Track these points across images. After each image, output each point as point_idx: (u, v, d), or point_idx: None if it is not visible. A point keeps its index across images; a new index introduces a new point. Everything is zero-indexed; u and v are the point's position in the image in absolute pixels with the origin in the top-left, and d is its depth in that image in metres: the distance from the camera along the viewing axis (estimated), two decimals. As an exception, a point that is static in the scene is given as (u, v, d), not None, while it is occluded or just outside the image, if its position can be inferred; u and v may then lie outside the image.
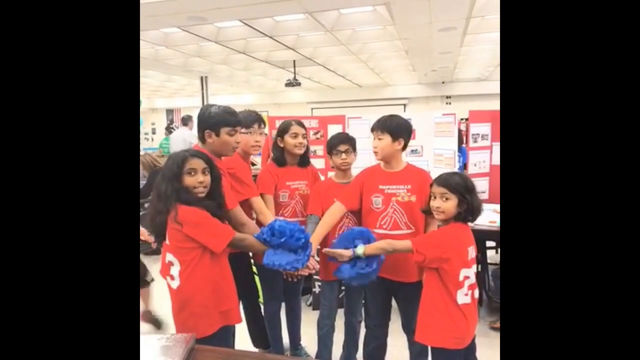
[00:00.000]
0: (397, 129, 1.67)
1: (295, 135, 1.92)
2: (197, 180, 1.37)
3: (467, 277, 1.39)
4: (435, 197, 1.44)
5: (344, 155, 1.85)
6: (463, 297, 1.39)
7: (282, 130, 1.96)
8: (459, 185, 1.40)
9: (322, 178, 2.22)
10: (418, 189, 1.66)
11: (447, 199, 1.41)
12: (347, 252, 1.52)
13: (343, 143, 1.85)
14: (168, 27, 5.21)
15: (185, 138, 5.77)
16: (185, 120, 6.23)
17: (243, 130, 1.79)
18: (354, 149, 1.88)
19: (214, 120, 1.61)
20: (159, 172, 1.43)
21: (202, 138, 1.65)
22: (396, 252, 1.53)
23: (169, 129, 9.16)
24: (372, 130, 1.73)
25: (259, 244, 1.44)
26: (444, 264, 1.38)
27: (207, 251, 1.35)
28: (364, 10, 4.86)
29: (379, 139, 1.69)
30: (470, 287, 1.41)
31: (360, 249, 1.49)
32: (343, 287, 2.01)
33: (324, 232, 1.71)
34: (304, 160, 2.02)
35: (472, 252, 1.44)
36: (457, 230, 1.42)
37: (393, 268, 1.66)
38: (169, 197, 1.33)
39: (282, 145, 1.96)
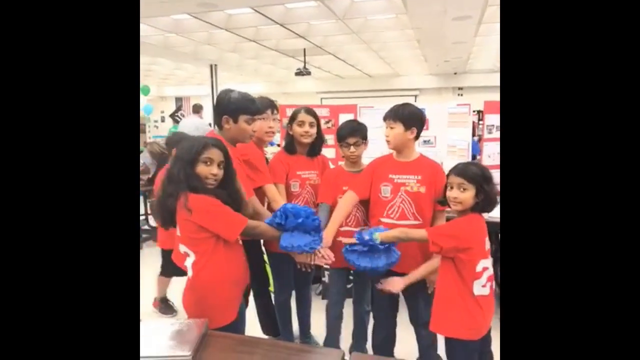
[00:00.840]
0: (409, 118, 1.64)
1: (302, 124, 1.89)
2: (211, 171, 1.33)
3: (485, 268, 1.37)
4: (452, 187, 1.41)
5: (352, 149, 1.80)
6: (480, 288, 1.36)
7: (291, 118, 1.93)
8: (476, 175, 1.36)
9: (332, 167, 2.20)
10: (428, 181, 1.63)
11: (464, 189, 1.37)
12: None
13: (352, 135, 1.79)
14: (178, 14, 5.16)
15: (198, 126, 5.71)
16: (197, 108, 6.24)
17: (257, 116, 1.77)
18: (364, 139, 1.83)
19: (233, 107, 1.57)
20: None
21: (218, 123, 1.62)
22: (411, 240, 1.52)
23: (174, 117, 9.14)
24: (385, 119, 1.69)
25: (272, 230, 1.42)
26: (462, 254, 1.35)
27: (220, 240, 1.33)
28: (377, -2, 4.78)
29: (391, 127, 1.65)
30: (489, 278, 1.38)
31: (376, 235, 1.48)
32: (351, 277, 2.00)
33: (340, 222, 1.69)
34: (313, 150, 1.98)
35: (487, 242, 1.41)
36: (475, 220, 1.40)
37: (401, 261, 1.64)
38: (180, 181, 1.30)
39: (291, 132, 1.93)
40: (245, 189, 1.55)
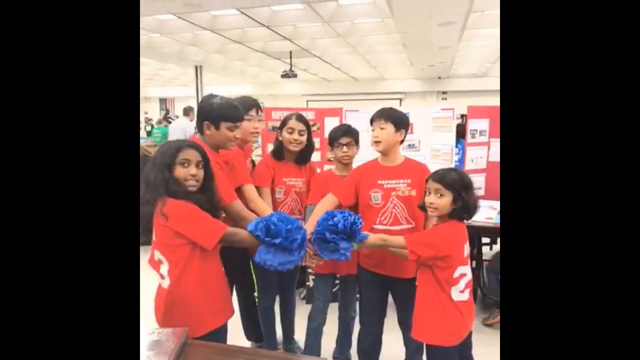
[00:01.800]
0: (399, 120, 1.64)
1: (291, 131, 1.85)
2: (190, 172, 1.28)
3: (463, 275, 1.37)
4: (429, 193, 1.41)
5: (345, 149, 1.79)
6: (458, 294, 1.37)
7: (282, 123, 1.90)
8: (454, 181, 1.36)
9: (319, 171, 2.18)
10: (418, 183, 1.62)
11: (441, 195, 1.37)
12: None
13: (345, 135, 1.78)
14: (163, 14, 5.10)
15: (185, 128, 5.65)
16: (187, 111, 6.20)
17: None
18: (357, 142, 1.83)
19: (215, 114, 1.53)
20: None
21: (200, 129, 1.59)
22: (389, 247, 1.49)
23: (166, 119, 8.98)
24: (373, 120, 1.67)
25: (251, 239, 1.35)
26: (439, 262, 1.35)
27: (197, 248, 1.27)
28: (363, 2, 4.81)
29: (382, 128, 1.62)
30: (467, 284, 1.39)
31: (355, 247, 1.45)
32: (337, 281, 1.99)
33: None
34: (302, 157, 1.94)
35: (467, 248, 1.42)
36: (453, 228, 1.39)
37: (389, 264, 1.64)
38: (157, 187, 1.24)
39: (280, 138, 1.91)
40: (228, 193, 1.52)
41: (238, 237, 1.36)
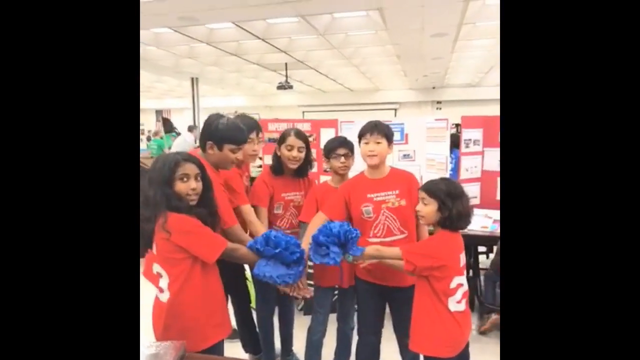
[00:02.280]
0: (390, 134, 1.68)
1: (291, 148, 1.85)
2: (190, 187, 1.29)
3: (460, 285, 1.38)
4: (419, 202, 1.46)
5: (343, 159, 1.79)
6: (455, 304, 1.37)
7: (280, 139, 1.90)
8: (439, 190, 1.38)
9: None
10: (407, 192, 1.64)
11: (426, 203, 1.41)
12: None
13: (342, 146, 1.79)
14: (158, 27, 5.15)
15: (187, 146, 5.88)
16: (191, 128, 6.52)
17: None
18: (353, 153, 1.84)
19: (219, 135, 1.55)
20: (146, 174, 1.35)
21: (203, 147, 1.60)
22: (384, 258, 1.51)
23: (175, 132, 8.91)
24: (366, 134, 1.67)
25: (251, 255, 1.38)
26: (436, 272, 1.36)
27: (197, 262, 1.28)
28: (357, 15, 4.88)
29: (377, 142, 1.64)
30: (464, 294, 1.40)
31: (349, 259, 1.47)
32: (336, 292, 1.99)
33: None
34: (301, 171, 1.94)
35: (463, 258, 1.42)
36: (446, 238, 1.40)
37: (386, 274, 1.64)
38: (159, 203, 1.24)
39: (279, 154, 1.90)
40: (229, 216, 1.53)
41: (238, 252, 1.38)
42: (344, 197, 1.72)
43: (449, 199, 1.36)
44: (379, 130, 1.65)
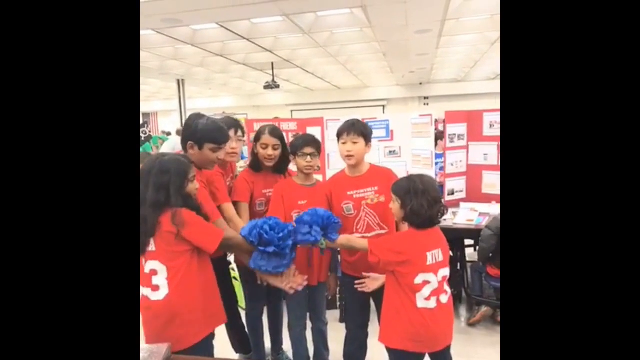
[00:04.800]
0: (368, 133, 1.69)
1: (265, 146, 1.86)
2: (196, 187, 1.41)
3: (426, 282, 1.37)
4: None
5: (308, 158, 1.76)
6: (424, 301, 1.38)
7: (256, 137, 1.91)
8: (400, 188, 1.43)
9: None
10: (385, 189, 1.66)
11: (393, 201, 1.46)
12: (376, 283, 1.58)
13: (309, 145, 1.76)
14: (142, 30, 5.10)
15: (175, 147, 6.03)
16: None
17: None
18: (319, 153, 1.83)
19: (199, 135, 1.56)
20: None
21: (184, 147, 1.62)
22: (353, 248, 1.59)
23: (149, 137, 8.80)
24: (344, 133, 1.68)
25: (246, 244, 1.44)
26: (399, 268, 1.38)
27: (195, 255, 1.34)
28: (341, 13, 4.89)
29: (354, 142, 1.66)
30: (434, 292, 1.38)
31: (323, 244, 1.52)
32: (307, 290, 1.99)
33: None
34: (280, 168, 1.95)
35: (436, 256, 1.40)
36: (413, 235, 1.42)
37: (369, 268, 1.66)
38: (175, 204, 1.31)
39: (256, 152, 1.91)
40: (212, 211, 1.54)
41: (234, 241, 1.45)
42: (326, 193, 1.75)
43: (408, 196, 1.39)
44: (356, 129, 1.66)
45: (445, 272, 1.43)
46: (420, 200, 1.37)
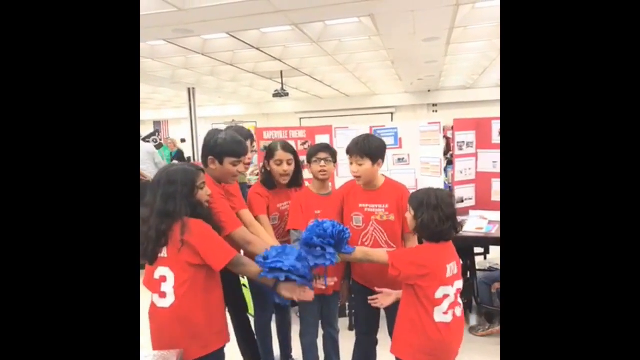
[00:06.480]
0: (376, 152, 1.63)
1: (280, 163, 1.86)
2: (207, 193, 1.41)
3: (446, 296, 1.36)
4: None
5: (322, 163, 1.79)
6: (442, 315, 1.36)
7: (268, 154, 1.91)
8: (415, 199, 1.42)
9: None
10: (396, 208, 1.65)
11: (408, 210, 1.45)
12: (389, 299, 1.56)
13: (322, 151, 1.80)
14: (154, 40, 5.19)
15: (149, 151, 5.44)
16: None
17: None
18: (335, 160, 1.85)
19: (219, 149, 1.60)
20: (146, 186, 1.39)
21: (205, 162, 1.65)
22: (371, 262, 1.50)
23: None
24: (350, 153, 1.66)
25: (257, 272, 1.39)
26: (420, 281, 1.36)
27: (203, 268, 1.33)
28: (349, 22, 4.92)
29: (359, 164, 1.63)
30: (451, 305, 1.38)
31: (338, 259, 1.45)
32: (321, 299, 1.99)
33: None
34: (293, 182, 1.95)
35: (453, 269, 1.39)
36: (435, 248, 1.40)
37: (379, 278, 1.66)
38: (181, 212, 1.31)
39: (269, 169, 1.91)
40: (233, 221, 1.56)
41: (246, 268, 1.41)
42: (340, 200, 1.75)
43: (421, 209, 1.38)
44: (359, 150, 1.62)
45: (460, 284, 1.41)
46: (432, 214, 1.35)
